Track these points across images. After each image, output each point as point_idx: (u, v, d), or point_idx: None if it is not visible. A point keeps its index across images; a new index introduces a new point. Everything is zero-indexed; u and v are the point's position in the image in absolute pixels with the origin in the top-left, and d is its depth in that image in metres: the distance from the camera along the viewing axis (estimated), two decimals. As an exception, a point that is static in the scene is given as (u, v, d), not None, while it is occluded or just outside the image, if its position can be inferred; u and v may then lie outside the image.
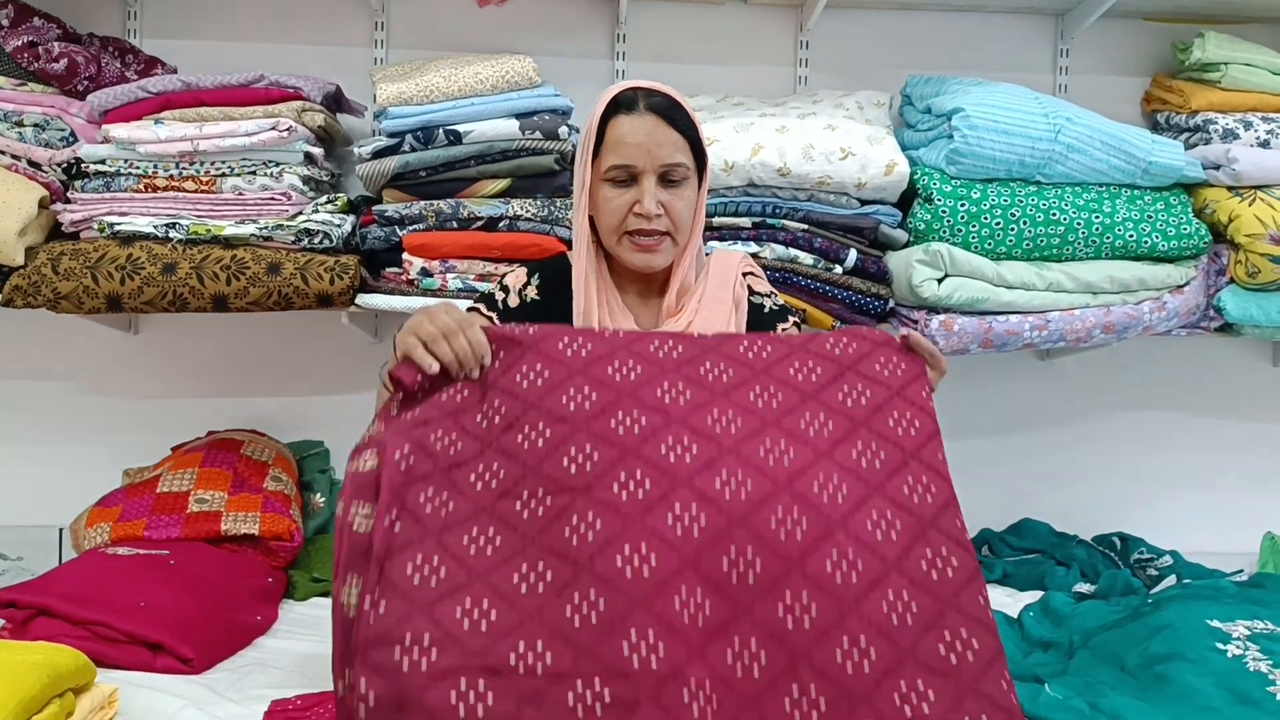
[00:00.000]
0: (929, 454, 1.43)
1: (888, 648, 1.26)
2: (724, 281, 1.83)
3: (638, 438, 1.35)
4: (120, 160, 2.29)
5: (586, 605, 1.23)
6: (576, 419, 1.37)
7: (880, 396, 1.46)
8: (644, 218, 1.71)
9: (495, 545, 1.29)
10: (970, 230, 2.30)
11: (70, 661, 1.48)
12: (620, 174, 1.72)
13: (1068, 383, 2.82)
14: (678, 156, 1.72)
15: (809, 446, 1.38)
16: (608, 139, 1.72)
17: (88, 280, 2.20)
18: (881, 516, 1.35)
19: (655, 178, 1.71)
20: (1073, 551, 2.53)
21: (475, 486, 1.34)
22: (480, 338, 1.43)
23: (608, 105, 1.74)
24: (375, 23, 2.68)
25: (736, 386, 1.43)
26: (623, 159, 1.71)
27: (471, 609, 1.23)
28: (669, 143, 1.71)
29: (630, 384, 1.40)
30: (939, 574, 1.33)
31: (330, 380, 2.72)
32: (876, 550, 1.31)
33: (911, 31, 2.75)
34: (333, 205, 2.33)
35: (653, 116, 1.71)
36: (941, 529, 1.37)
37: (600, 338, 1.46)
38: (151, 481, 2.32)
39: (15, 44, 2.35)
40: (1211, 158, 2.43)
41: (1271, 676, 1.63)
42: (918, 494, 1.39)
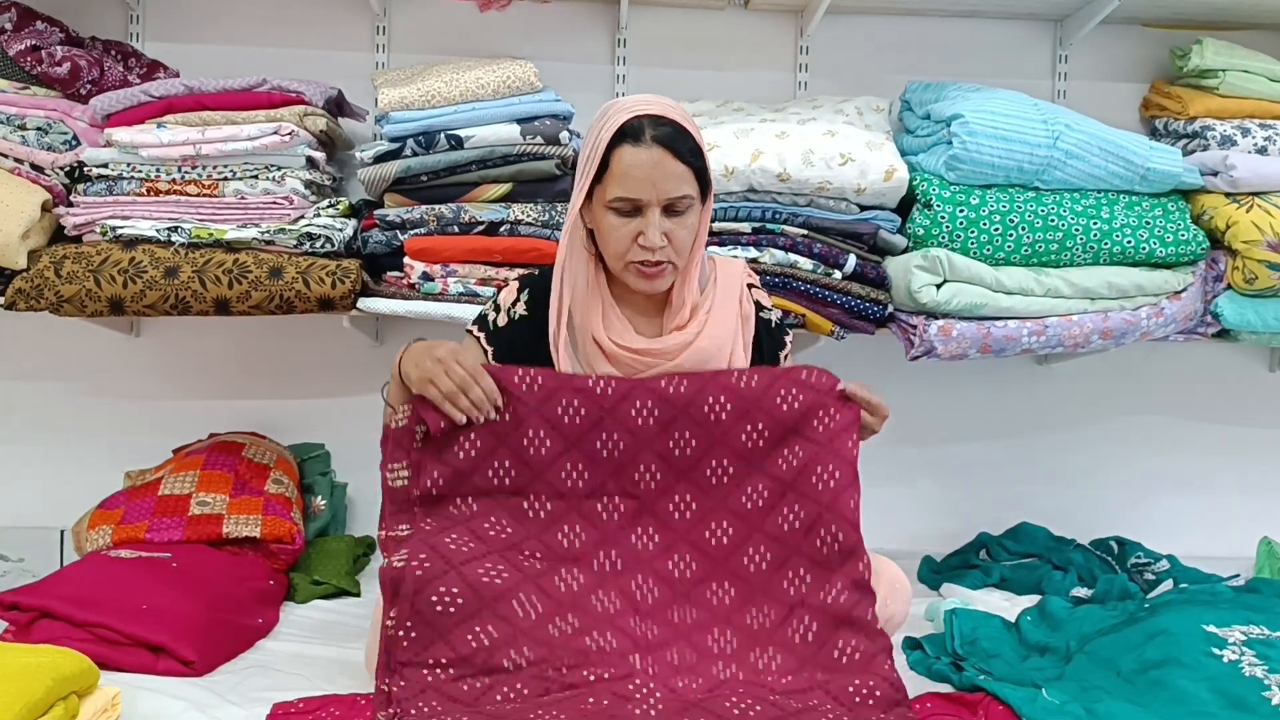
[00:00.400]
0: (842, 504, 1.72)
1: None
2: (730, 294, 1.88)
3: (616, 525, 1.73)
4: (123, 164, 2.30)
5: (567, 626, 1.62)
6: (571, 497, 1.73)
7: (809, 454, 1.74)
8: (648, 250, 1.73)
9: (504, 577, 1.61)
10: (969, 236, 2.32)
11: (74, 665, 1.49)
12: (625, 206, 1.73)
13: (1066, 388, 2.83)
14: (683, 189, 1.73)
15: (745, 521, 1.74)
16: (613, 169, 1.73)
17: (90, 283, 2.21)
18: (795, 574, 1.71)
19: (660, 210, 1.73)
20: (1070, 555, 2.54)
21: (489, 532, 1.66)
22: (491, 387, 1.68)
23: (615, 135, 1.73)
24: (377, 27, 2.69)
25: (696, 463, 1.76)
26: (628, 192, 1.72)
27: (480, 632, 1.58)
28: (675, 175, 1.72)
29: (615, 463, 1.74)
30: (835, 602, 1.69)
31: (331, 383, 2.73)
32: (784, 600, 1.71)
33: (911, 37, 2.77)
34: (334, 209, 2.34)
35: (659, 149, 1.71)
36: (844, 574, 1.70)
37: (590, 397, 1.73)
38: (153, 484, 2.34)
39: (18, 48, 2.36)
40: (1209, 164, 2.45)
41: (1267, 682, 1.64)
42: (827, 544, 1.71)
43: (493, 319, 1.86)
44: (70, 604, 1.81)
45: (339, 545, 2.43)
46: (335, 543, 2.44)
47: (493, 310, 1.87)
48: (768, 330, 1.92)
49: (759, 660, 1.66)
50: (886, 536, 2.47)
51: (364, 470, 2.66)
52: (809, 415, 1.76)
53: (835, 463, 1.74)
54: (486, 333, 1.85)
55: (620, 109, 1.75)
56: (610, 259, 1.79)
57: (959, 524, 2.73)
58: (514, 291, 1.87)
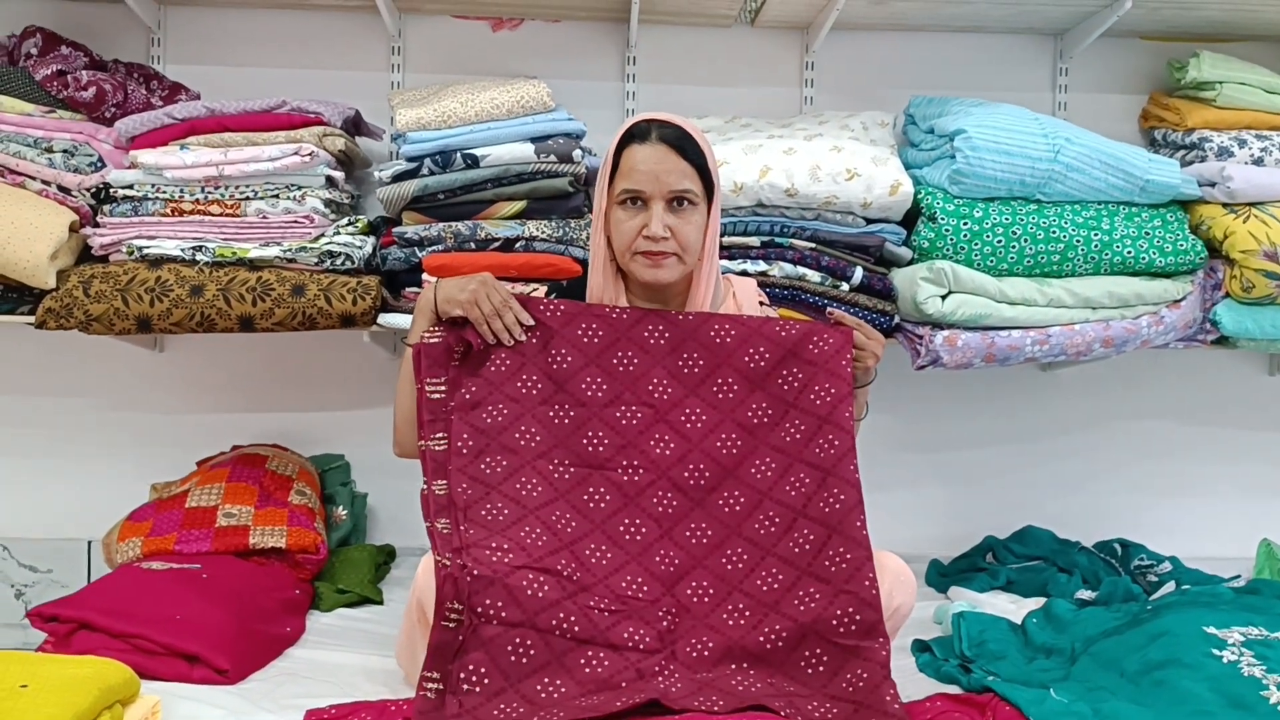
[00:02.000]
0: (839, 415, 1.84)
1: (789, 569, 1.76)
2: (749, 310, 2.00)
3: (635, 429, 1.85)
4: (147, 185, 2.36)
5: (598, 553, 1.75)
6: (592, 405, 1.86)
7: (808, 375, 1.86)
8: (651, 239, 1.86)
9: (538, 492, 1.79)
10: (973, 248, 2.37)
11: (118, 675, 1.54)
12: (631, 197, 1.87)
13: (1069, 395, 2.88)
14: (685, 183, 1.87)
15: (750, 434, 1.86)
16: (621, 166, 1.89)
17: (118, 302, 2.27)
18: (797, 478, 1.81)
19: (664, 203, 1.86)
20: (1074, 558, 2.58)
21: (519, 442, 1.82)
22: (521, 312, 1.85)
23: (623, 135, 1.90)
24: (392, 47, 2.75)
25: (704, 379, 1.88)
26: (633, 184, 1.86)
27: (528, 534, 1.73)
28: (677, 170, 1.86)
29: (630, 375, 1.88)
30: (830, 509, 1.78)
31: (350, 395, 2.79)
32: (790, 505, 1.80)
33: (914, 53, 2.82)
34: (354, 227, 2.40)
35: (663, 146, 1.86)
36: (839, 475, 1.80)
37: (607, 320, 1.90)
38: (180, 496, 2.39)
39: (45, 72, 2.42)
40: (1207, 175, 2.49)
41: (1265, 681, 1.68)
42: (824, 450, 1.82)
43: None
44: (108, 615, 1.86)
45: (361, 554, 2.48)
46: (358, 552, 2.49)
47: None
48: None
49: (764, 583, 1.75)
50: (895, 540, 2.49)
51: (384, 480, 2.74)
52: (805, 339, 1.88)
53: (831, 381, 1.85)
54: None
55: (632, 119, 1.93)
56: (619, 253, 1.91)
57: (966, 528, 2.78)
58: (542, 295, 2.02)
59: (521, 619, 1.64)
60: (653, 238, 1.85)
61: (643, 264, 1.88)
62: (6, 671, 1.46)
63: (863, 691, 1.63)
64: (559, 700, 1.60)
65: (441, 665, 1.63)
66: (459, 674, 1.62)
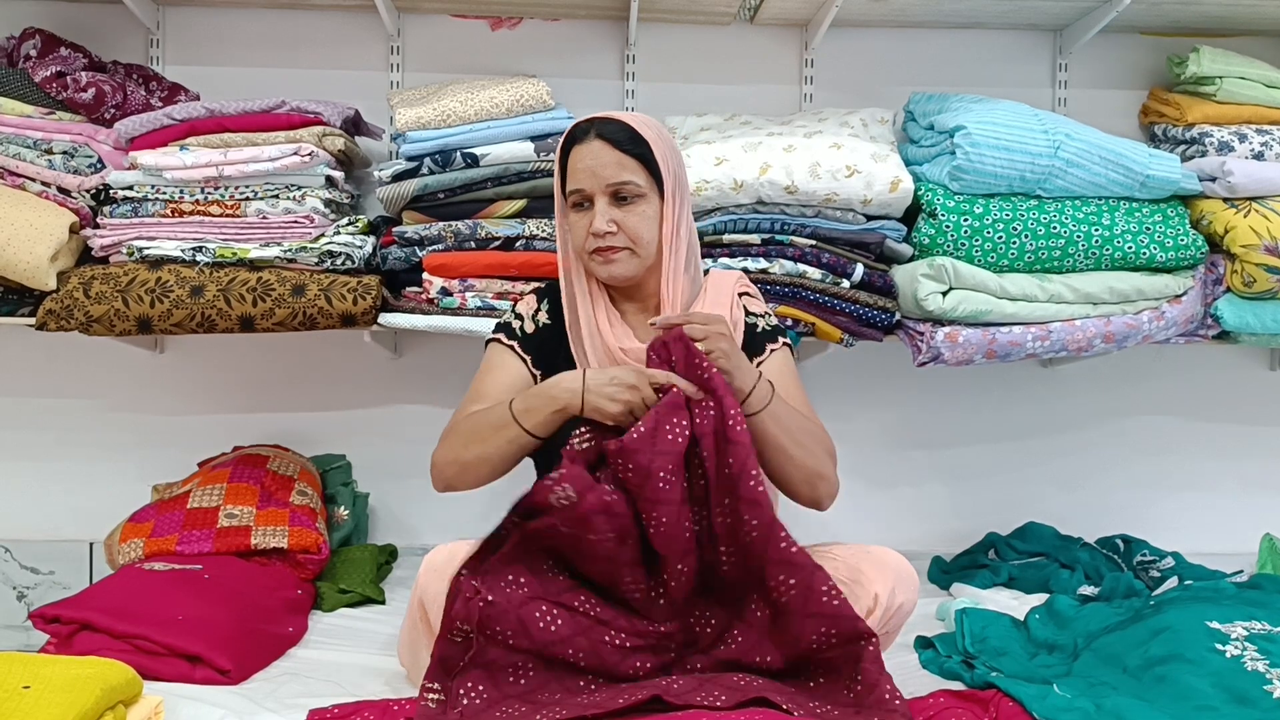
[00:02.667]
0: (730, 430, 1.66)
1: None
2: (720, 301, 1.94)
3: None
4: (147, 186, 2.36)
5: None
6: None
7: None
8: (597, 235, 1.84)
9: None
10: (973, 244, 2.37)
11: (120, 675, 1.54)
12: (577, 198, 1.87)
13: (1070, 390, 2.88)
14: (624, 175, 1.84)
15: None
16: (567, 169, 1.89)
17: (119, 303, 2.27)
18: (721, 511, 1.68)
19: (606, 198, 1.84)
20: (1077, 554, 2.58)
21: None
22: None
23: (565, 138, 1.90)
24: (391, 47, 2.75)
25: None
26: (576, 184, 1.86)
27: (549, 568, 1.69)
28: (613, 163, 1.84)
29: None
30: (751, 538, 1.65)
31: (351, 395, 2.79)
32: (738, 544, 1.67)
33: (914, 49, 2.82)
34: (354, 227, 2.40)
35: (599, 141, 1.85)
36: (743, 496, 1.65)
37: None
38: (181, 497, 2.39)
39: (44, 74, 2.42)
40: (1207, 170, 2.49)
41: (1268, 676, 1.69)
42: (730, 469, 1.66)
43: (519, 327, 1.95)
44: (110, 616, 1.86)
45: (363, 554, 2.48)
46: (359, 552, 2.50)
47: (516, 319, 1.97)
48: (751, 334, 1.95)
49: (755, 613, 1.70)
50: (897, 537, 2.52)
51: (385, 480, 2.74)
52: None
53: (708, 396, 1.68)
54: (519, 340, 1.93)
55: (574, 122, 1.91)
56: (578, 255, 1.90)
57: (968, 524, 2.78)
58: (533, 302, 1.98)
59: (530, 648, 1.63)
60: (597, 233, 1.83)
61: (597, 262, 1.86)
62: (9, 672, 1.46)
63: (861, 693, 1.63)
64: (560, 700, 1.60)
65: (443, 678, 1.63)
66: (459, 690, 1.61)
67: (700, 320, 1.74)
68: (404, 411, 2.78)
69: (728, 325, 1.78)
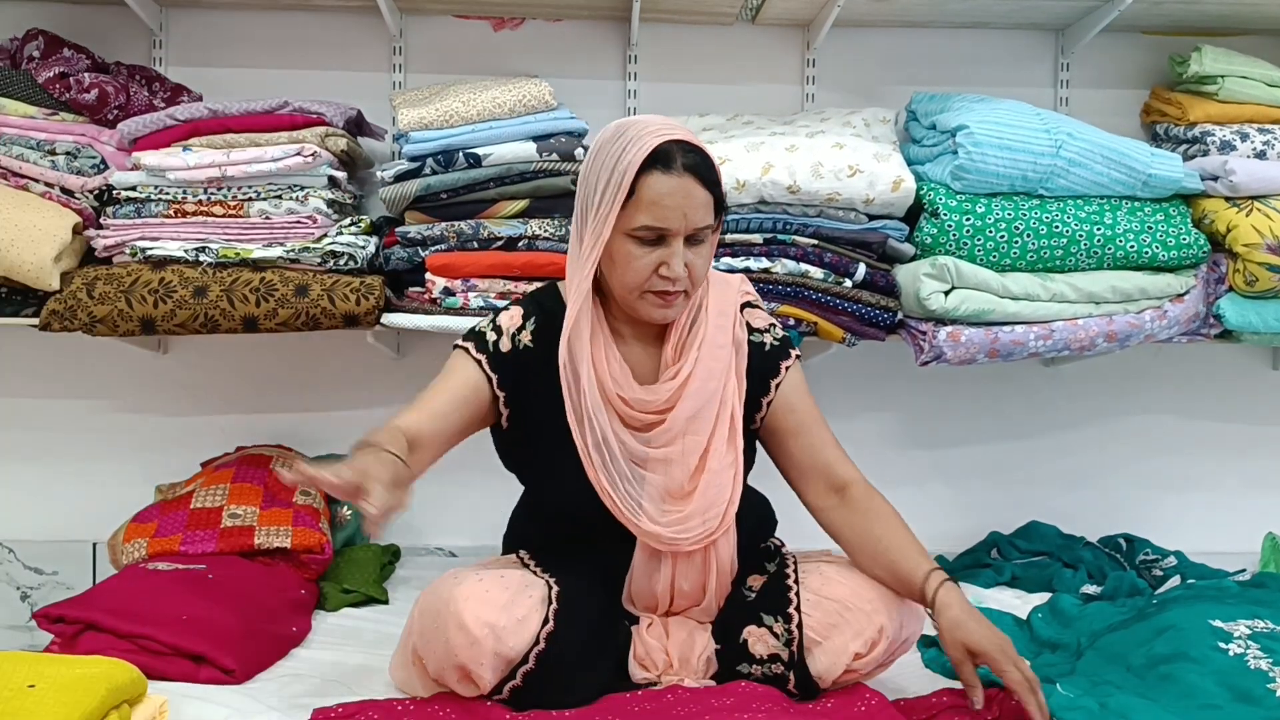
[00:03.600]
0: None
1: None
2: (723, 324, 1.82)
3: None
4: (150, 187, 2.36)
5: None
6: None
7: None
8: (669, 279, 1.68)
9: None
10: (975, 244, 2.37)
11: (125, 674, 1.54)
12: (649, 235, 1.67)
13: (1072, 390, 2.88)
14: (708, 219, 1.69)
15: None
16: (641, 196, 1.65)
17: (122, 304, 2.27)
18: None
19: (682, 239, 1.67)
20: (1080, 553, 2.59)
21: None
22: None
23: (645, 160, 1.65)
24: (393, 47, 2.75)
25: None
26: (657, 221, 1.66)
27: None
28: (703, 205, 1.68)
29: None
30: None
31: (354, 396, 2.79)
32: None
33: (916, 48, 2.82)
34: (356, 227, 2.40)
35: (689, 177, 1.66)
36: None
37: None
38: (185, 498, 2.39)
39: (47, 75, 2.42)
40: (1209, 169, 2.49)
41: (1271, 674, 1.68)
42: None
43: (493, 340, 1.79)
44: (114, 616, 1.86)
45: (366, 554, 2.48)
46: (362, 552, 2.50)
47: (492, 331, 1.80)
48: (760, 355, 1.84)
49: None
50: (899, 537, 2.52)
51: (388, 480, 2.73)
52: None
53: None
54: (488, 355, 1.78)
55: (645, 131, 1.67)
56: (622, 288, 1.72)
57: (970, 524, 2.78)
58: (518, 318, 1.81)
59: None
60: (672, 277, 1.67)
61: (652, 303, 1.71)
62: (14, 672, 1.46)
63: None
64: None
65: None
66: None
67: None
68: (407, 412, 2.78)
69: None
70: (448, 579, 1.72)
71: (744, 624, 1.76)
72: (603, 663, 1.73)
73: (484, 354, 1.78)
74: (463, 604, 1.64)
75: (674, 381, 1.77)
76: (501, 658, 1.63)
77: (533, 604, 1.67)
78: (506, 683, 1.65)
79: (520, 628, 1.64)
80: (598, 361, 1.74)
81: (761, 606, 1.77)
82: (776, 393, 1.85)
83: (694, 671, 1.75)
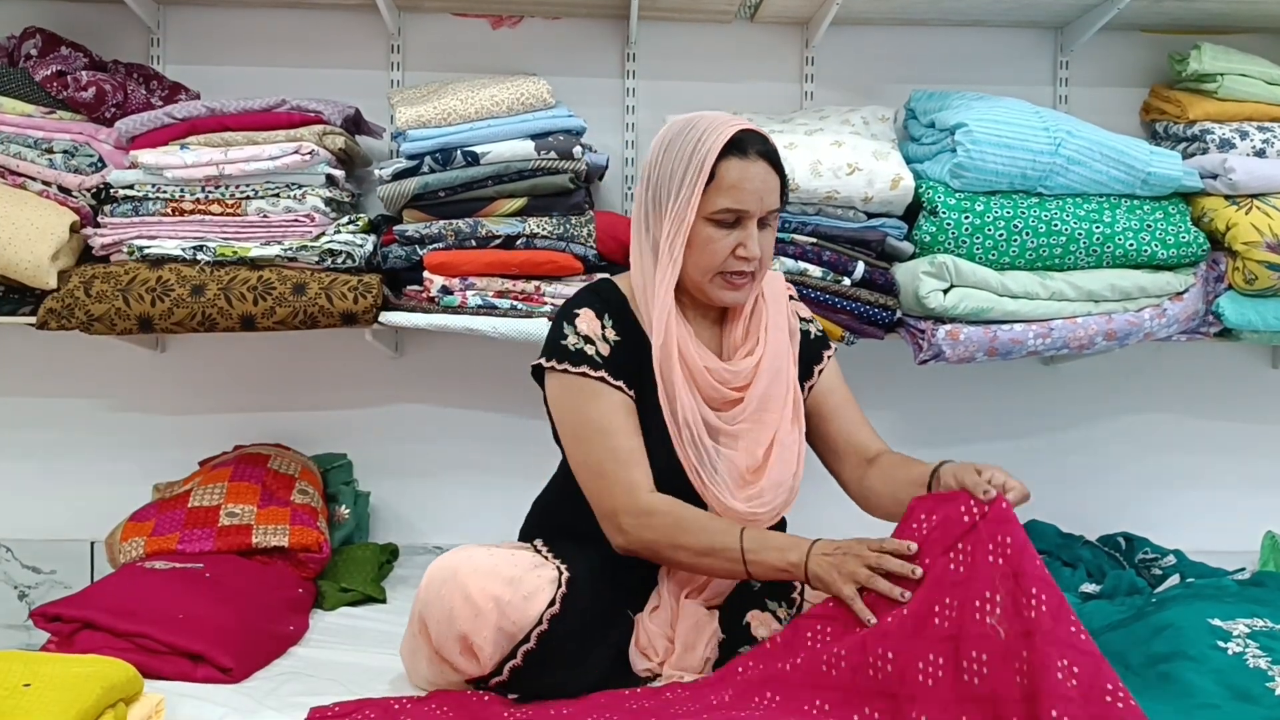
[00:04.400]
0: None
1: None
2: (780, 311, 1.93)
3: None
4: (148, 185, 2.36)
5: None
6: None
7: None
8: (745, 260, 1.77)
9: None
10: (974, 242, 2.37)
11: (121, 673, 1.54)
12: (729, 217, 1.76)
13: (1072, 388, 2.88)
14: (778, 202, 1.81)
15: None
16: (721, 181, 1.75)
17: (119, 302, 2.27)
18: None
19: (756, 222, 1.78)
20: (1079, 552, 2.58)
21: None
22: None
23: (724, 146, 1.74)
24: (391, 45, 2.75)
25: None
26: (737, 203, 1.75)
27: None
28: (775, 189, 1.80)
29: None
30: None
31: (352, 394, 2.79)
32: None
33: (914, 46, 2.82)
34: (354, 226, 2.40)
35: (764, 164, 1.77)
36: None
37: None
38: (183, 496, 2.39)
39: (44, 73, 2.42)
40: (1208, 167, 2.49)
41: (1270, 673, 1.68)
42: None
43: (595, 351, 1.80)
44: (111, 615, 1.86)
45: (364, 553, 2.48)
46: (360, 550, 2.49)
47: (584, 343, 1.80)
48: (807, 342, 1.97)
49: None
50: (898, 536, 2.52)
51: (386, 479, 2.74)
52: None
53: None
54: (605, 367, 1.79)
55: (718, 122, 1.77)
56: (699, 271, 1.78)
57: (969, 523, 2.77)
58: (594, 318, 1.82)
59: None
60: (748, 258, 1.76)
61: (721, 285, 1.79)
62: (10, 671, 1.46)
63: None
64: None
65: None
66: None
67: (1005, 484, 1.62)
68: (405, 410, 2.78)
69: None
70: (459, 550, 1.75)
71: (748, 609, 1.79)
72: (604, 649, 1.75)
73: (601, 370, 1.79)
74: (469, 575, 1.68)
75: (751, 359, 1.85)
76: (504, 633, 1.66)
77: (541, 584, 1.70)
78: (507, 662, 1.67)
79: (526, 605, 1.67)
80: (684, 344, 1.81)
81: (766, 593, 1.80)
82: (820, 378, 1.97)
83: (696, 660, 1.76)
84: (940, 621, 1.51)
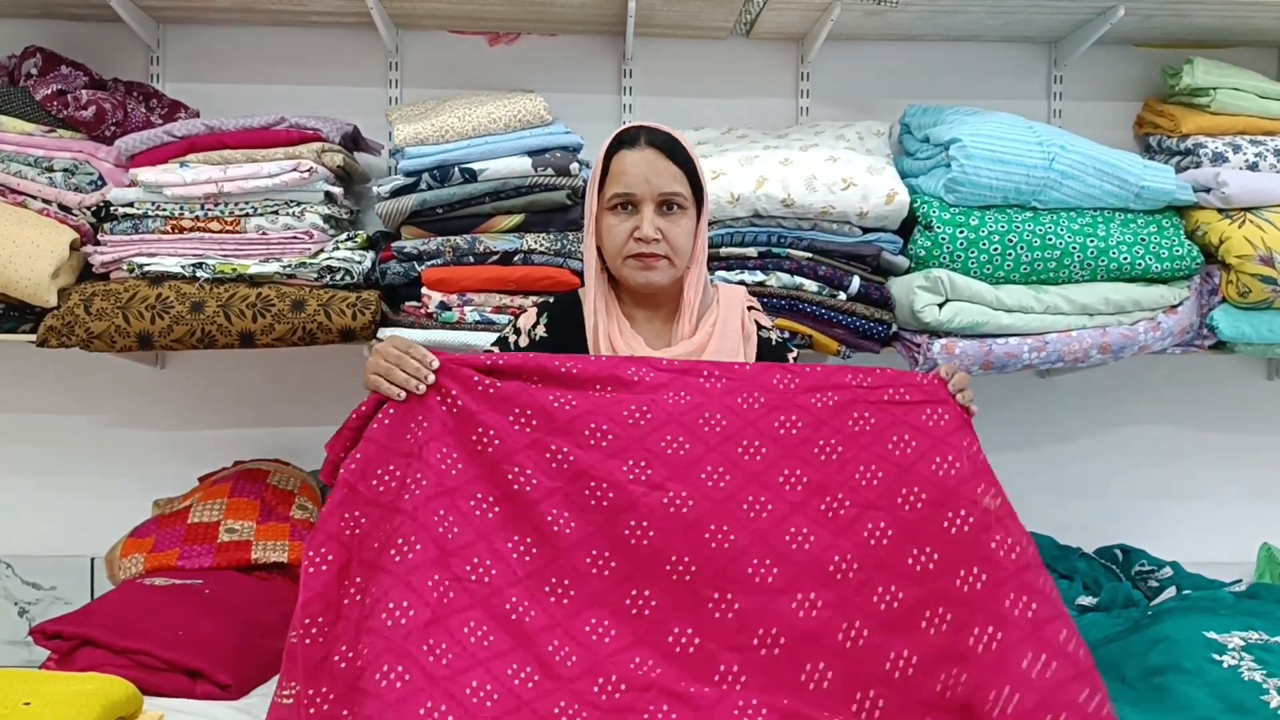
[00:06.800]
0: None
1: None
2: (733, 314, 1.99)
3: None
4: (148, 203, 2.37)
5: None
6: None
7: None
8: (643, 241, 1.90)
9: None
10: (969, 256, 2.38)
11: (120, 691, 1.56)
12: (621, 200, 1.92)
13: (1067, 401, 2.89)
14: (675, 186, 1.92)
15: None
16: (612, 171, 1.94)
17: (119, 320, 2.28)
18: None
19: (654, 205, 1.91)
20: (1075, 564, 2.59)
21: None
22: (423, 353, 1.72)
23: (612, 142, 1.96)
24: (389, 63, 2.77)
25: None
26: (624, 188, 1.91)
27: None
28: (667, 173, 1.91)
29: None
30: None
31: (350, 409, 2.78)
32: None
33: (909, 62, 2.83)
34: (353, 242, 2.41)
35: (652, 150, 1.92)
36: None
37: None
38: (182, 512, 2.40)
39: (45, 92, 2.43)
40: (1202, 181, 2.50)
41: (1265, 685, 1.70)
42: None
43: (514, 340, 2.00)
44: (110, 632, 1.87)
45: (363, 568, 2.48)
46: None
47: (512, 333, 2.02)
48: (768, 348, 2.01)
49: None
50: (895, 549, 2.52)
51: (385, 494, 2.73)
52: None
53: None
54: (510, 353, 1.93)
55: (621, 127, 1.98)
56: (610, 258, 1.94)
57: (966, 535, 2.77)
58: (533, 315, 2.02)
59: None
60: (644, 239, 1.89)
61: (634, 267, 1.92)
62: (10, 689, 1.47)
63: None
64: None
65: None
66: None
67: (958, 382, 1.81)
68: (404, 425, 2.79)
69: None
70: None
71: None
72: None
73: (507, 353, 1.90)
74: None
75: (689, 344, 1.92)
76: None
77: None
78: None
79: None
80: (613, 334, 1.94)
81: None
82: None
83: None
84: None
